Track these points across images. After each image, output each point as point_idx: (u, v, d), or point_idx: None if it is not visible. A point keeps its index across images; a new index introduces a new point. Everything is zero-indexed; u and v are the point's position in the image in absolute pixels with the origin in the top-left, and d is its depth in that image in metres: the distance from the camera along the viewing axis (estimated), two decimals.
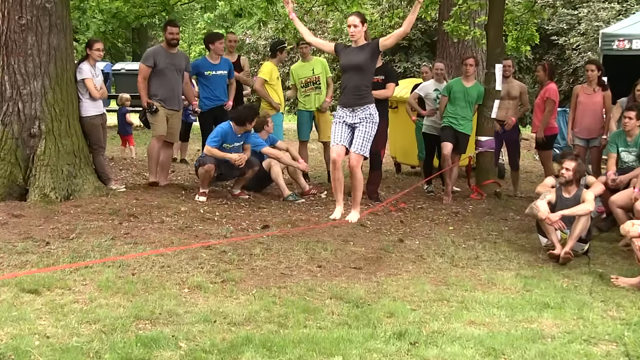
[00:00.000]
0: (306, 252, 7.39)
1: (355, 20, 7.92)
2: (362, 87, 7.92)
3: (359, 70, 7.88)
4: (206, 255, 6.99)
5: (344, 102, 7.97)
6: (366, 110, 7.91)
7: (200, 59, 11.74)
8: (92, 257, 6.72)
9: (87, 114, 9.77)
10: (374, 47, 7.89)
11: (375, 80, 10.33)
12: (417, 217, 9.66)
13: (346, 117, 7.95)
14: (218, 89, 11.34)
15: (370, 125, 7.94)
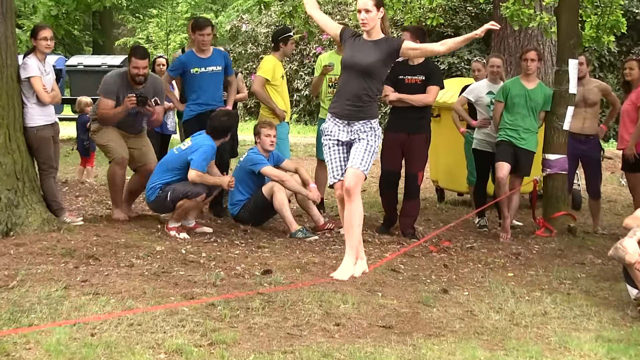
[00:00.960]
0: (320, 306, 7.38)
1: (366, 3, 7.55)
2: (365, 97, 7.65)
3: (365, 74, 7.61)
4: (189, 309, 6.98)
5: (338, 111, 7.75)
6: (367, 124, 7.72)
7: (184, 54, 11.76)
8: (38, 311, 6.73)
9: (33, 124, 9.83)
10: (393, 49, 7.65)
11: (411, 82, 10.41)
12: (466, 260, 9.65)
13: (339, 134, 7.73)
14: (209, 90, 11.36)
15: (372, 137, 7.75)
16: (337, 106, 7.72)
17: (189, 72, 11.32)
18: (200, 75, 11.28)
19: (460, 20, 24.79)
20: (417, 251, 9.82)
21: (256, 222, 10.72)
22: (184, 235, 9.83)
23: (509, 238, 10.79)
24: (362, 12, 7.52)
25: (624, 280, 8.29)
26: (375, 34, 7.61)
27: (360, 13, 7.54)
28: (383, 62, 7.57)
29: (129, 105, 10.38)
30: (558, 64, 11.36)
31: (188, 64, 11.32)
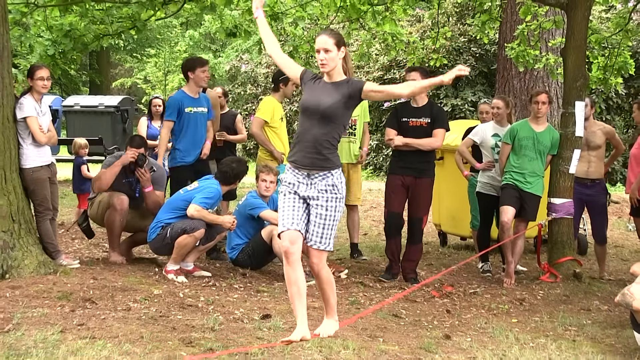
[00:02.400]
0: (320, 352, 7.40)
1: (326, 42, 6.85)
2: (326, 143, 6.83)
3: (324, 118, 6.81)
4: (185, 352, 7.02)
5: (297, 159, 6.91)
6: (328, 177, 6.86)
7: (177, 94, 11.78)
8: (34, 355, 6.77)
9: (29, 165, 9.87)
10: (355, 91, 6.87)
11: (416, 124, 10.47)
12: (469, 306, 9.69)
13: (298, 186, 6.90)
14: (198, 131, 11.49)
15: (332, 203, 6.87)
16: (297, 154, 6.91)
17: (183, 112, 11.38)
18: (193, 115, 11.36)
19: (464, 61, 24.82)
20: (419, 296, 9.86)
21: (255, 266, 10.77)
22: (182, 278, 9.90)
23: (513, 283, 10.81)
24: (321, 52, 6.84)
25: (631, 327, 8.32)
26: (336, 75, 6.92)
27: (319, 53, 6.86)
28: (344, 105, 6.83)
29: (129, 156, 10.52)
30: (564, 106, 11.36)
31: (183, 103, 11.39)
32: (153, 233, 10.33)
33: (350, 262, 11.81)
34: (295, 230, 6.84)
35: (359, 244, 12.60)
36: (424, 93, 6.77)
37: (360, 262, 11.95)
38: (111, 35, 12.78)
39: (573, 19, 11.42)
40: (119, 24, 12.70)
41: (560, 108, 12.01)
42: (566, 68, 11.47)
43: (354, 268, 11.27)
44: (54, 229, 10.32)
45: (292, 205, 6.87)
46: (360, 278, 10.68)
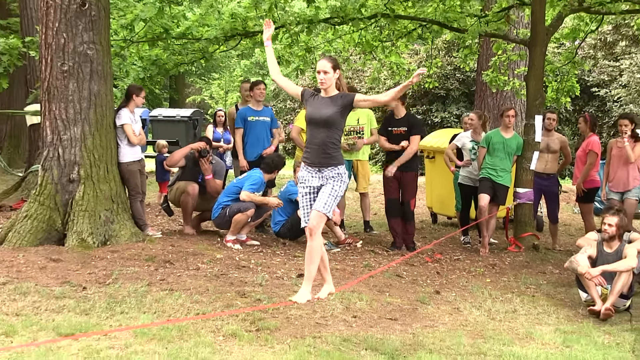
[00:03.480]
0: (341, 302, 7.41)
1: (325, 65, 6.70)
2: (330, 145, 6.68)
3: (326, 125, 6.65)
4: (241, 303, 7.04)
5: (310, 160, 6.76)
6: (334, 170, 6.69)
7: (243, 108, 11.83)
8: (128, 302, 6.80)
9: (125, 160, 9.93)
10: (347, 102, 6.69)
11: (397, 132, 10.57)
12: (454, 269, 9.66)
13: (311, 180, 6.73)
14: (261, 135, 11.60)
15: (338, 183, 6.69)
16: (309, 155, 6.75)
17: (247, 121, 11.47)
18: (254, 122, 11.44)
19: (450, 84, 24.76)
20: (416, 261, 9.84)
21: (293, 237, 10.77)
22: (237, 246, 9.90)
23: (487, 252, 10.77)
24: (321, 73, 6.69)
25: (576, 286, 8.30)
26: (331, 91, 6.73)
27: (320, 74, 6.71)
28: (340, 114, 6.65)
29: (193, 146, 10.58)
30: (527, 119, 11.32)
31: (247, 114, 11.51)
32: (215, 212, 10.36)
33: (364, 235, 11.77)
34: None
35: (371, 222, 12.57)
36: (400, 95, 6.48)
37: (371, 235, 11.92)
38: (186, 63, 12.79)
39: (533, 53, 11.39)
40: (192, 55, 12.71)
41: (524, 120, 11.98)
42: (528, 90, 11.42)
43: (367, 240, 11.23)
44: (142, 208, 10.35)
45: (309, 203, 6.74)
46: (371, 247, 10.64)
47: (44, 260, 8.21)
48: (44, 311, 6.47)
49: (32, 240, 8.96)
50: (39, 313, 6.41)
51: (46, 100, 9.38)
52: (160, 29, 11.99)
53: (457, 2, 12.28)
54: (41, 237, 9.03)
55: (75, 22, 9.27)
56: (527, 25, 14.01)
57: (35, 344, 5.49)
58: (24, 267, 7.88)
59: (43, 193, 9.25)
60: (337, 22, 12.16)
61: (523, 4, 12.49)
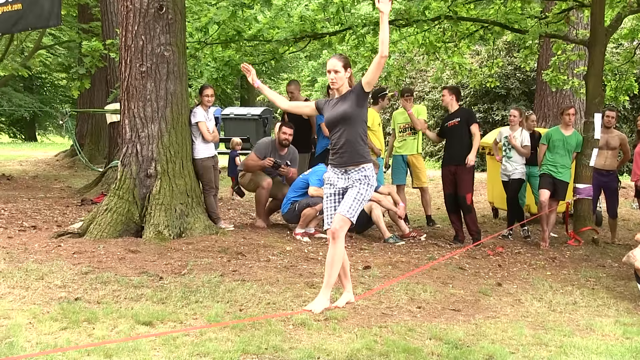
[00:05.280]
0: (406, 293, 7.36)
1: (336, 64, 6.16)
2: (356, 142, 6.08)
3: (347, 121, 6.07)
4: (310, 293, 7.02)
5: (335, 161, 6.15)
6: (361, 171, 6.07)
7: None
8: (202, 292, 6.83)
9: (199, 156, 10.00)
10: (359, 90, 6.10)
11: (451, 125, 10.47)
12: (515, 262, 9.51)
13: (338, 181, 6.14)
14: None
15: (364, 187, 6.05)
16: (335, 158, 6.14)
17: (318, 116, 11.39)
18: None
19: (510, 83, 24.45)
20: (478, 254, 9.71)
21: (359, 230, 10.73)
22: (306, 239, 9.88)
23: (547, 246, 10.59)
24: (332, 73, 6.15)
25: (635, 280, 8.10)
26: (343, 89, 6.18)
27: (330, 73, 6.18)
28: (356, 105, 6.04)
29: (266, 163, 10.56)
30: (586, 117, 11.14)
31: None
32: (285, 207, 10.37)
33: (428, 229, 11.68)
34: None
35: (433, 216, 12.48)
36: (384, 36, 5.59)
37: (435, 229, 11.83)
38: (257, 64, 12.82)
39: (593, 53, 11.18)
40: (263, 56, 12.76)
41: (583, 118, 11.79)
42: (587, 89, 11.22)
43: (431, 233, 11.14)
44: (215, 202, 10.41)
45: (333, 205, 6.13)
46: (435, 241, 10.56)
47: (123, 251, 8.31)
48: (123, 299, 6.54)
49: (111, 232, 9.07)
50: (118, 301, 6.49)
51: (125, 100, 9.50)
52: (232, 32, 12.04)
53: (518, 4, 12.10)
54: (120, 230, 9.14)
55: (153, 25, 9.36)
56: (587, 26, 13.76)
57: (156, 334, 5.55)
58: (105, 258, 7.98)
59: (122, 187, 9.36)
60: (402, 24, 12.06)
61: (582, 6, 12.25)
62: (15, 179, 17.76)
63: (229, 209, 12.48)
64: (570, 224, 11.40)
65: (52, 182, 17.77)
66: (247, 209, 12.08)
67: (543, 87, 16.15)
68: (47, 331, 5.58)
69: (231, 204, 13.02)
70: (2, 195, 13.26)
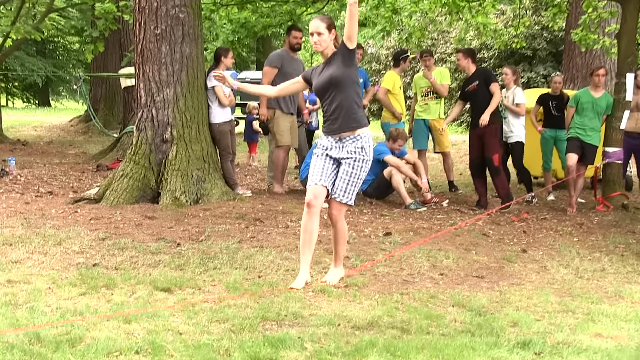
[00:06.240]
0: (428, 260, 7.40)
1: (319, 26, 5.89)
2: (349, 106, 5.87)
3: (336, 85, 5.85)
4: (330, 260, 7.06)
5: (328, 128, 5.96)
6: (356, 140, 5.87)
7: None
8: (220, 259, 6.92)
9: (216, 120, 10.04)
10: (343, 49, 5.85)
11: (471, 89, 10.44)
12: (541, 228, 9.51)
13: (331, 148, 5.94)
14: None
15: (359, 164, 5.89)
16: (328, 125, 5.96)
17: None
18: None
19: (537, 44, 24.31)
20: (502, 220, 9.72)
21: (379, 197, 10.76)
22: (325, 205, 9.89)
23: (574, 212, 10.57)
24: (315, 35, 5.90)
25: None
26: (329, 52, 5.95)
27: (313, 36, 5.92)
28: (344, 65, 5.82)
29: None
30: (617, 77, 11.04)
31: None
32: (303, 173, 10.41)
33: (450, 195, 11.70)
34: (322, 186, 5.95)
35: (456, 182, 12.49)
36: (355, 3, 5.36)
37: (457, 195, 11.85)
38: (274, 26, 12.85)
39: (626, 9, 11.04)
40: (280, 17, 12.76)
41: (614, 79, 11.69)
42: (620, 48, 11.12)
43: (453, 199, 11.16)
44: (233, 167, 10.48)
45: (322, 164, 5.94)
46: (457, 207, 10.58)
47: (139, 217, 8.41)
48: (141, 266, 6.64)
49: (128, 198, 9.17)
50: (136, 267, 6.59)
51: (140, 63, 9.54)
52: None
53: None
54: (136, 195, 9.24)
55: None
56: None
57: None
58: (121, 224, 8.08)
59: (138, 153, 9.44)
60: None
61: None
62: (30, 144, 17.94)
63: (246, 175, 12.56)
64: (599, 189, 11.37)
65: (67, 147, 17.94)
66: (263, 175, 12.13)
67: (572, 48, 16.06)
68: (66, 296, 5.70)
69: (248, 170, 13.09)
70: (18, 161, 13.39)
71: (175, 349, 4.69)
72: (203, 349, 4.71)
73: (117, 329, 4.99)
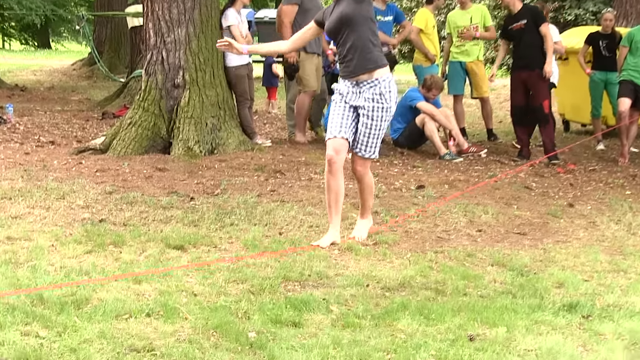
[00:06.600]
0: (465, 215, 7.38)
1: None
2: (364, 45, 5.66)
3: (348, 23, 5.65)
4: (357, 215, 7.05)
5: (345, 72, 5.77)
6: (374, 86, 5.65)
7: None
8: (237, 214, 6.93)
9: (232, 64, 10.00)
10: None
11: (516, 28, 10.29)
12: (589, 180, 9.44)
13: (348, 94, 5.73)
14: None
15: (378, 113, 5.67)
16: (343, 68, 5.77)
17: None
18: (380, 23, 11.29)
19: None
20: (546, 172, 9.66)
21: (411, 146, 10.72)
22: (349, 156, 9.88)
23: (626, 162, 10.49)
24: None
25: None
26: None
27: None
28: (355, 1, 5.63)
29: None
30: None
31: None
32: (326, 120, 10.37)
33: (489, 144, 11.64)
34: (342, 139, 5.72)
35: (495, 130, 12.41)
36: None
37: (497, 144, 11.78)
38: None
39: None
40: None
41: None
42: None
43: (492, 149, 11.10)
44: (250, 115, 10.47)
45: (342, 113, 5.73)
46: (497, 157, 10.52)
47: (149, 169, 8.44)
48: (152, 222, 6.66)
49: (136, 148, 9.19)
50: (146, 223, 6.61)
51: (148, 0, 9.49)
52: None
53: None
54: (146, 145, 9.26)
55: None
56: None
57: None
58: (130, 176, 8.11)
59: (147, 99, 9.44)
60: None
61: None
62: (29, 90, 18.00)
63: (265, 123, 12.55)
64: None
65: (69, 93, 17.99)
66: (284, 123, 12.11)
67: None
68: (70, 254, 5.74)
69: (267, 118, 13.08)
70: (17, 108, 13.43)
71: (189, 311, 4.71)
72: (220, 312, 4.72)
73: (126, 290, 5.02)
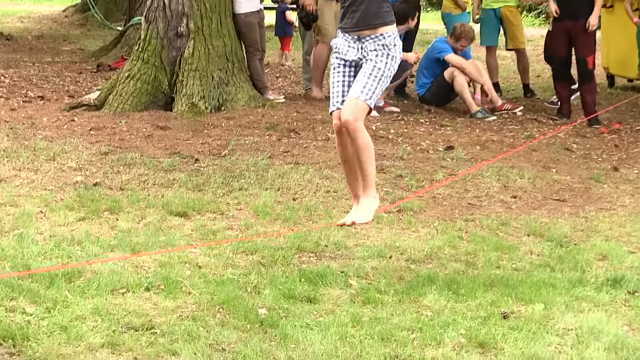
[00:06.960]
0: (498, 180, 7.33)
1: None
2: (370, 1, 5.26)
3: None
4: (379, 179, 6.98)
5: (346, 25, 5.38)
6: (378, 39, 5.28)
7: None
8: (247, 177, 6.90)
9: (241, 11, 9.93)
10: None
11: None
12: (636, 141, 9.36)
13: (348, 51, 5.36)
14: None
15: (382, 58, 5.27)
16: (345, 20, 5.38)
17: None
18: None
19: None
20: (589, 132, 9.59)
21: (439, 103, 10.64)
22: (374, 113, 9.80)
23: None
24: None
25: None
26: None
27: None
28: None
29: None
30: None
31: None
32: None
33: (525, 101, 11.54)
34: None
35: (532, 85, 12.31)
36: None
37: (534, 101, 11.68)
38: None
39: None
40: None
41: None
42: None
43: (529, 106, 11.02)
44: (262, 67, 10.41)
45: (342, 80, 5.41)
46: (534, 115, 10.44)
47: (149, 127, 8.41)
48: (152, 185, 6.64)
49: (135, 104, 9.16)
50: (146, 188, 6.59)
51: None
52: None
53: None
54: (146, 101, 9.22)
55: None
56: None
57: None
58: (128, 135, 8.08)
59: (147, 49, 9.39)
60: None
61: None
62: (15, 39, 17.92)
63: (278, 77, 12.48)
64: None
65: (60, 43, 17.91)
66: (298, 77, 12.03)
67: None
68: (61, 222, 5.72)
69: (280, 71, 13.01)
70: (2, 59, 13.42)
71: (193, 285, 4.69)
72: (227, 286, 4.70)
73: (124, 262, 5.00)
